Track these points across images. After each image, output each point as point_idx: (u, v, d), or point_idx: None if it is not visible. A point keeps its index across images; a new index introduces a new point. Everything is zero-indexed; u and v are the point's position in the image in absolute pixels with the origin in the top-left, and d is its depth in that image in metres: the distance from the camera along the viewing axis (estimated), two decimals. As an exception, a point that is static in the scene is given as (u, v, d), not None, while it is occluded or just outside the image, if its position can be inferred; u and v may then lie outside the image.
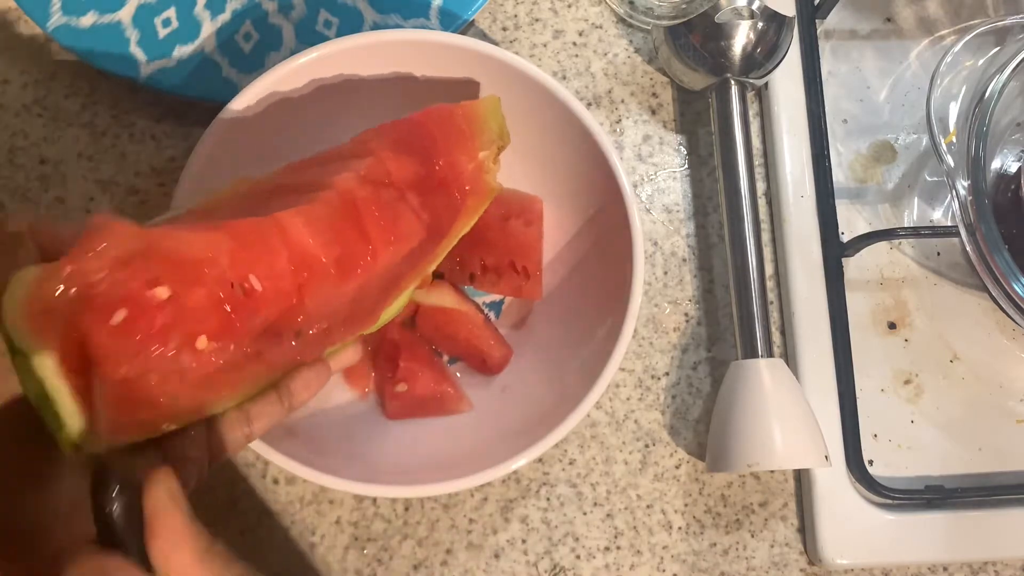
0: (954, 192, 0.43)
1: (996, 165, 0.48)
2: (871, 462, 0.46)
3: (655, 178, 0.49)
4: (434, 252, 0.38)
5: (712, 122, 0.47)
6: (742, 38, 0.45)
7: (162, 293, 0.29)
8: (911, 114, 0.51)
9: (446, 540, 0.45)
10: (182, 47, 0.44)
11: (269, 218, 0.32)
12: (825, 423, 0.44)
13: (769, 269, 0.48)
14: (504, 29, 0.50)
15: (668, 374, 0.47)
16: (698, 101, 0.50)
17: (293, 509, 0.44)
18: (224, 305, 0.30)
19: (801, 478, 0.47)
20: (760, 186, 0.49)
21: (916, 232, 0.48)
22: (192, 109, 0.47)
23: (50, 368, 0.28)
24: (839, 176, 0.50)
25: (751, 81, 0.46)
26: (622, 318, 0.39)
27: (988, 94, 0.43)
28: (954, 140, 0.43)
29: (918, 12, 0.53)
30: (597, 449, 0.46)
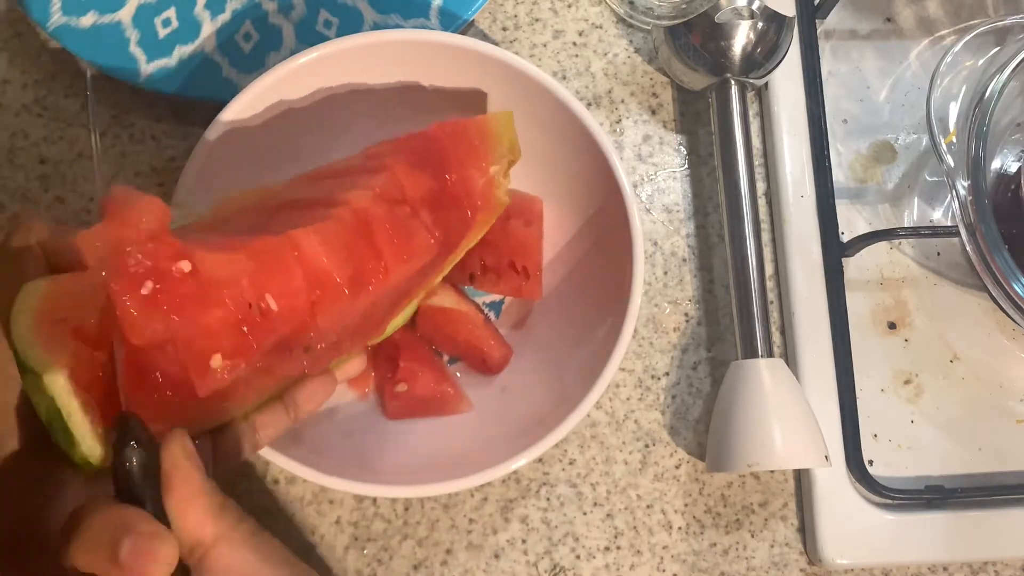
0: (954, 192, 0.43)
1: (996, 165, 0.48)
2: (871, 462, 0.46)
3: (655, 178, 0.49)
4: (442, 265, 0.38)
5: (712, 122, 0.47)
6: (742, 38, 0.45)
7: (186, 266, 0.29)
8: (911, 114, 0.51)
9: (446, 540, 0.45)
10: (182, 47, 0.44)
11: (285, 237, 0.32)
12: (825, 423, 0.44)
13: (769, 269, 0.48)
14: (504, 29, 0.50)
15: (668, 374, 0.47)
16: (698, 101, 0.50)
17: (293, 509, 0.44)
18: (241, 325, 0.30)
19: (801, 478, 0.47)
20: (760, 186, 0.49)
21: (916, 232, 0.48)
22: (192, 109, 0.47)
23: (61, 385, 0.28)
24: (839, 176, 0.50)
25: (751, 81, 0.46)
26: (622, 318, 0.39)
27: (988, 94, 0.43)
28: (954, 140, 0.43)
29: (918, 12, 0.53)
30: (597, 449, 0.46)
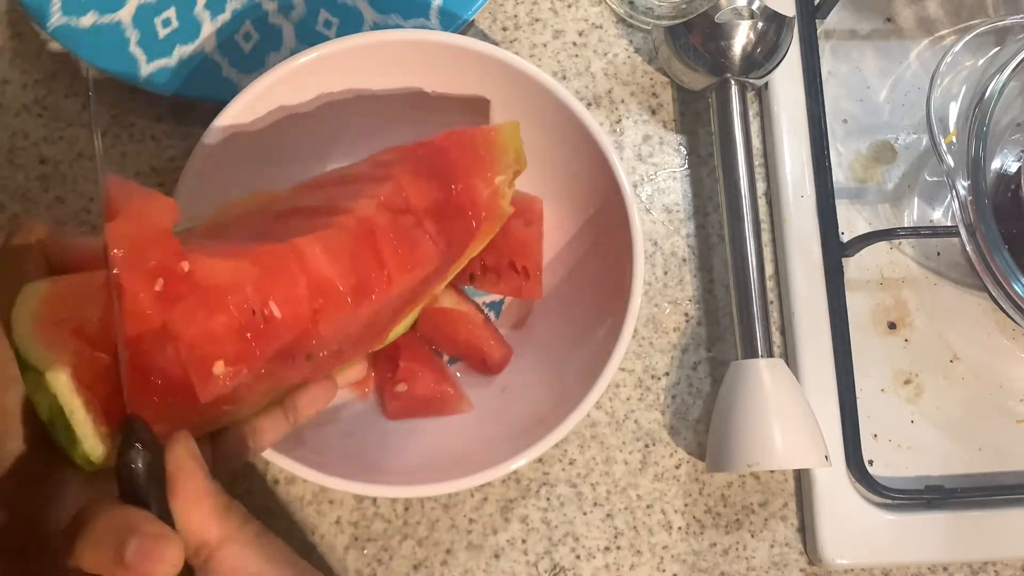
0: (954, 192, 0.43)
1: (996, 165, 0.48)
2: (871, 462, 0.46)
3: (655, 178, 0.49)
4: (445, 274, 0.38)
5: (712, 122, 0.47)
6: (742, 38, 0.45)
7: (190, 269, 0.30)
8: (911, 114, 0.51)
9: (446, 540, 0.45)
10: (182, 47, 0.44)
11: (289, 244, 0.32)
12: (825, 423, 0.44)
13: (769, 269, 0.48)
14: (504, 29, 0.50)
15: (668, 374, 0.47)
16: (698, 101, 0.50)
17: (293, 509, 0.44)
18: (244, 332, 0.30)
19: (801, 478, 0.47)
20: (760, 186, 0.49)
21: (916, 232, 0.48)
22: (192, 109, 0.47)
23: (64, 383, 0.28)
24: (839, 176, 0.49)
25: (751, 81, 0.46)
26: (622, 318, 0.39)
27: (988, 94, 0.43)
28: (954, 140, 0.43)
29: (918, 12, 0.53)
30: (597, 449, 0.46)
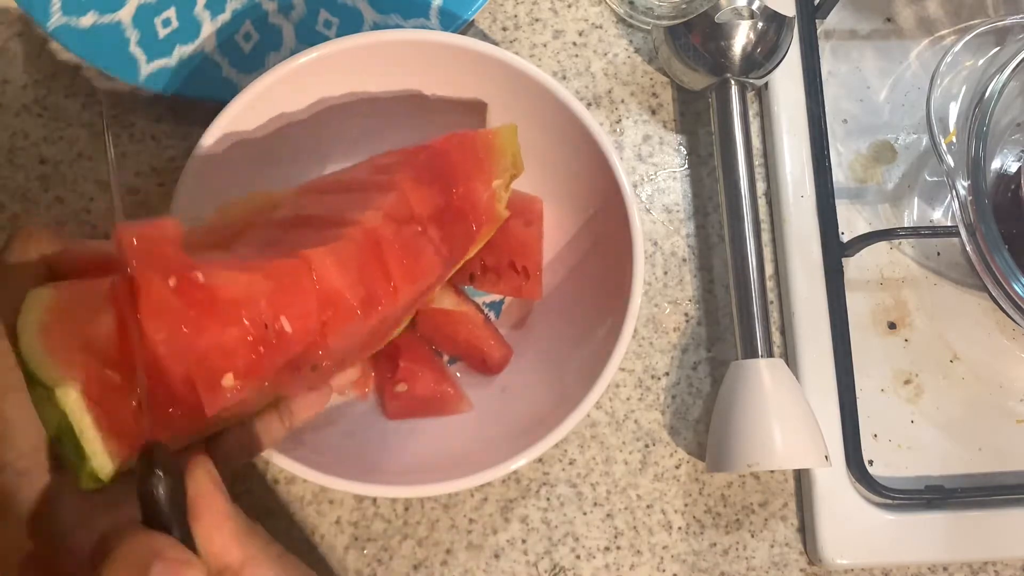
0: (954, 192, 0.43)
1: (996, 165, 0.48)
2: (871, 462, 0.46)
3: (655, 178, 0.49)
4: (444, 277, 0.39)
5: (712, 122, 0.47)
6: (742, 38, 0.45)
7: (204, 281, 0.29)
8: (911, 114, 0.51)
9: (446, 540, 0.45)
10: (182, 47, 0.44)
11: (301, 259, 0.32)
12: (825, 423, 0.44)
13: (769, 269, 0.48)
14: (504, 29, 0.50)
15: (668, 374, 0.47)
16: (698, 101, 0.50)
17: (293, 509, 0.44)
18: (256, 346, 0.30)
19: (801, 478, 0.47)
20: (760, 186, 0.49)
21: (916, 232, 0.48)
22: (192, 109, 0.47)
23: (74, 400, 0.27)
24: (839, 176, 0.49)
25: (751, 81, 0.46)
26: (622, 318, 0.39)
27: (988, 94, 0.43)
28: (954, 140, 0.43)
29: (918, 12, 0.53)
30: (597, 449, 0.46)
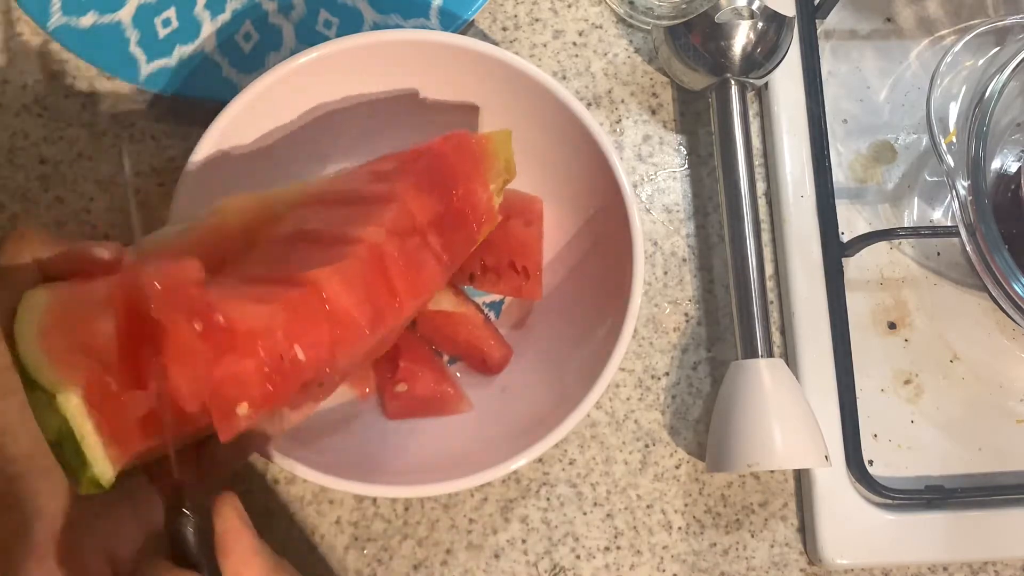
0: (954, 192, 0.43)
1: (996, 165, 0.48)
2: (871, 462, 0.46)
3: (655, 178, 0.49)
4: (445, 283, 0.39)
5: (712, 122, 0.47)
6: (742, 38, 0.45)
7: (222, 319, 0.29)
8: (911, 114, 0.51)
9: (446, 540, 0.45)
10: (182, 47, 0.44)
11: (312, 285, 0.32)
12: (825, 423, 0.44)
13: (769, 269, 0.48)
14: (504, 29, 0.50)
15: (668, 374, 0.47)
16: (698, 101, 0.50)
17: (293, 509, 0.44)
18: (272, 376, 0.30)
19: (801, 478, 0.47)
20: (760, 186, 0.49)
21: (916, 232, 0.48)
22: (192, 109, 0.47)
23: (75, 405, 0.27)
24: (839, 176, 0.49)
25: (751, 81, 0.46)
26: (622, 318, 0.39)
27: (988, 94, 0.43)
28: (954, 140, 0.43)
29: (918, 12, 0.53)
30: (597, 449, 0.46)
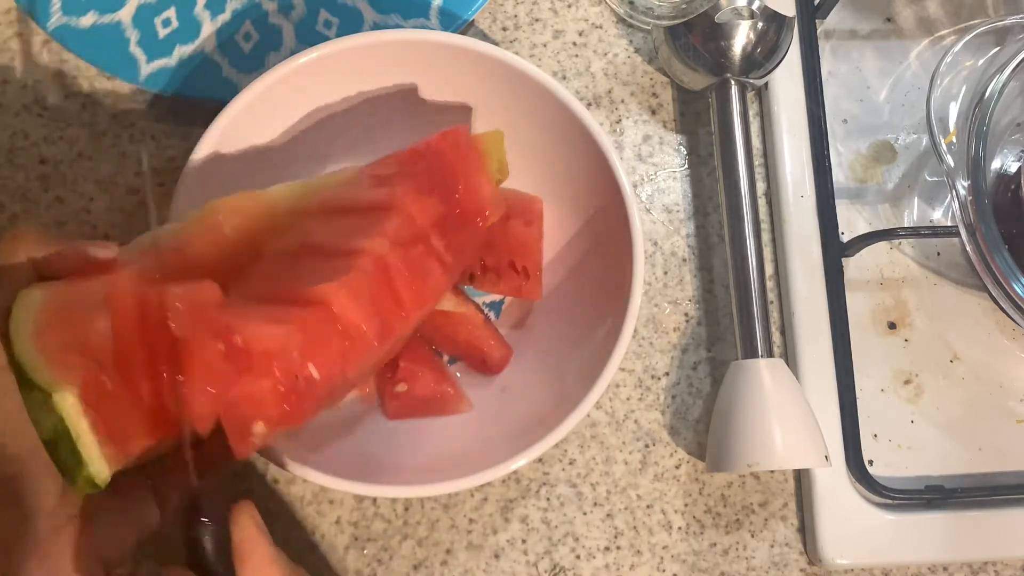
0: (954, 192, 0.43)
1: (996, 165, 0.48)
2: (871, 462, 0.46)
3: (655, 178, 0.49)
4: (450, 287, 0.39)
5: (712, 122, 0.47)
6: (742, 38, 0.45)
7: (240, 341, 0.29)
8: (911, 114, 0.51)
9: (446, 540, 0.45)
10: (182, 47, 0.44)
11: (323, 304, 0.32)
12: (825, 423, 0.44)
13: (769, 269, 0.48)
14: (504, 29, 0.50)
15: (668, 374, 0.47)
16: (698, 101, 0.50)
17: (293, 509, 0.44)
18: (288, 396, 0.30)
19: (801, 478, 0.47)
20: (760, 186, 0.49)
21: (916, 232, 0.48)
22: (192, 109, 0.47)
23: (71, 406, 0.27)
24: (839, 176, 0.49)
25: (751, 81, 0.46)
26: (622, 318, 0.39)
27: (988, 94, 0.43)
28: (954, 140, 0.43)
29: (918, 12, 0.53)
30: (597, 449, 0.46)
